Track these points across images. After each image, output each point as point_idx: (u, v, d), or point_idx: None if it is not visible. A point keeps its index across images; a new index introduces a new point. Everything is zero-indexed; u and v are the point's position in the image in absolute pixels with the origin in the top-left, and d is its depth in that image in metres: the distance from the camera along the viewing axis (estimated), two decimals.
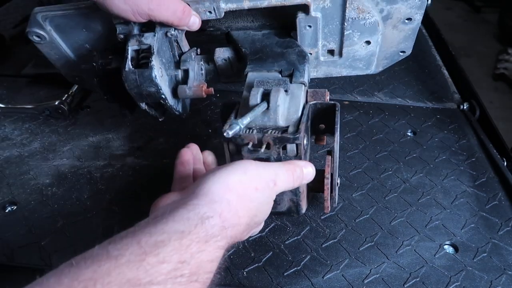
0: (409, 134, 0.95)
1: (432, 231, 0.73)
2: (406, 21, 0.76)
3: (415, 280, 0.66)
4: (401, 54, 0.84)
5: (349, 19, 0.75)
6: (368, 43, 0.79)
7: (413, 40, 0.81)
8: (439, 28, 1.34)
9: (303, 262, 0.68)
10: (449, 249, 0.71)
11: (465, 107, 1.03)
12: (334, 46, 0.81)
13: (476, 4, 3.79)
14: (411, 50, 0.83)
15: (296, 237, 0.72)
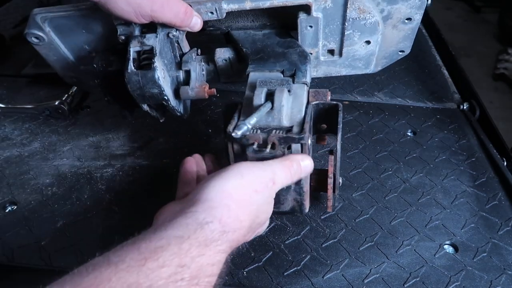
0: (409, 134, 0.95)
1: (432, 231, 0.73)
2: (406, 21, 0.76)
3: (415, 280, 0.66)
4: (400, 53, 0.84)
5: (350, 19, 0.75)
6: (368, 42, 0.80)
7: (412, 40, 0.81)
8: (439, 28, 1.34)
9: (303, 262, 0.68)
10: (449, 249, 0.71)
11: (465, 107, 1.03)
12: (334, 46, 0.81)
13: (476, 4, 3.79)
14: (410, 49, 0.83)
15: (296, 237, 0.72)
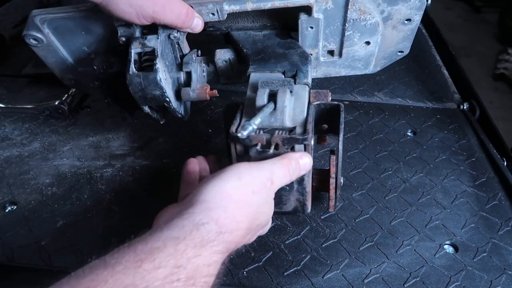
0: (409, 134, 0.95)
1: (432, 231, 0.73)
2: (405, 21, 0.76)
3: (415, 280, 0.66)
4: (399, 54, 0.84)
5: (350, 20, 0.75)
6: (368, 43, 0.80)
7: (412, 40, 0.81)
8: (439, 28, 1.34)
9: (303, 262, 0.68)
10: (449, 249, 0.71)
11: (465, 107, 1.03)
12: (334, 47, 0.81)
13: (476, 4, 3.79)
14: (409, 50, 0.83)
15: (296, 237, 0.72)
